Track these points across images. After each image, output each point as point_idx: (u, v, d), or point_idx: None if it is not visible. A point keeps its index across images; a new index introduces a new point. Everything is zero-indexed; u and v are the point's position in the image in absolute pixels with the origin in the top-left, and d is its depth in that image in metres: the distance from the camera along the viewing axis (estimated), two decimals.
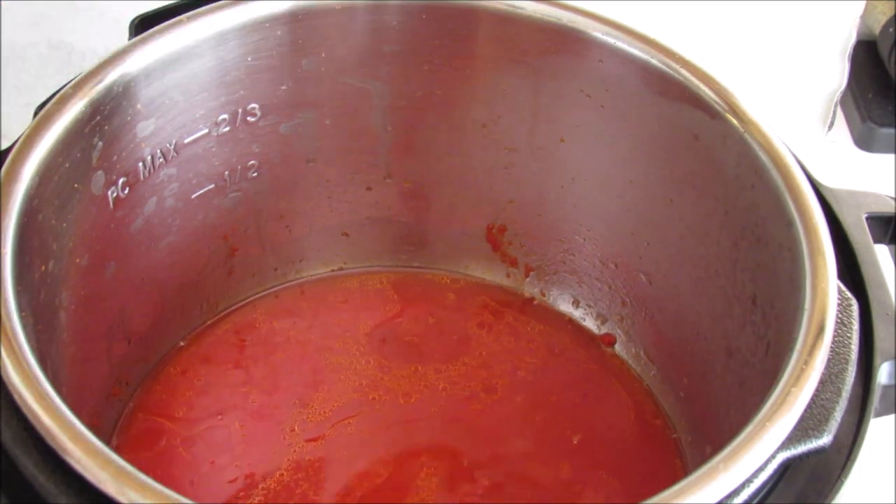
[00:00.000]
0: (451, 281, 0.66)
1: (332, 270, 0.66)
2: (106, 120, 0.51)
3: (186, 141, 0.56)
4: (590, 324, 0.64)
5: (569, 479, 0.56)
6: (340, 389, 0.59)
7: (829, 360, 0.43)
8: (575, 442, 0.58)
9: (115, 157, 0.52)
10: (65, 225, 0.49)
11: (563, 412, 0.59)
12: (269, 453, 0.56)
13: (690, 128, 0.54)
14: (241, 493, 0.54)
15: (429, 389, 0.60)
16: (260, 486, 0.55)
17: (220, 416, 0.57)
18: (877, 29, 0.88)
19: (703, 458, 0.41)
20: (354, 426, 0.58)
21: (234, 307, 0.63)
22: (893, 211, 0.53)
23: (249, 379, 0.60)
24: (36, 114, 0.49)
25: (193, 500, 0.38)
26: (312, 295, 0.65)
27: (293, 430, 0.57)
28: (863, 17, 0.81)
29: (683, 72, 0.54)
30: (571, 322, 0.64)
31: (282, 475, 0.55)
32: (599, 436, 0.58)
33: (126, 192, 0.53)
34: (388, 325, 0.63)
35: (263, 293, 0.64)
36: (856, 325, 0.46)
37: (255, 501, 0.54)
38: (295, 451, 0.56)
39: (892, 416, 0.48)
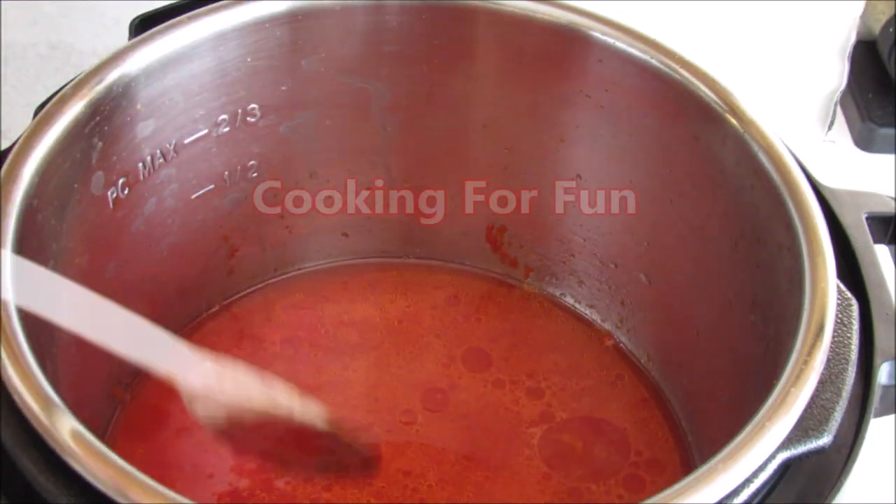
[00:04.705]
0: (451, 281, 0.66)
1: (332, 270, 0.66)
2: (106, 120, 0.51)
3: (186, 141, 0.56)
4: (589, 323, 0.64)
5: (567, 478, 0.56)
6: (340, 386, 0.59)
7: (829, 360, 0.43)
8: (574, 441, 0.58)
9: (114, 158, 0.52)
10: (65, 225, 0.49)
11: (562, 411, 0.59)
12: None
13: (690, 128, 0.54)
14: (239, 488, 0.54)
15: (427, 388, 0.60)
16: (257, 482, 0.55)
17: None
18: (877, 29, 0.88)
19: (702, 458, 0.41)
20: (355, 421, 0.58)
21: (233, 306, 0.63)
22: (893, 211, 0.53)
23: None
24: (36, 114, 0.49)
25: (190, 495, 0.38)
26: (312, 294, 0.65)
27: None
28: (863, 17, 0.81)
29: (683, 72, 0.54)
30: (571, 322, 0.64)
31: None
32: (598, 436, 0.58)
33: (126, 192, 0.53)
34: (389, 323, 0.63)
35: (263, 292, 0.64)
36: (856, 325, 0.46)
37: (252, 497, 0.54)
38: None
39: (892, 416, 0.48)
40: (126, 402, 0.58)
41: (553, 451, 0.57)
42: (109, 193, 0.52)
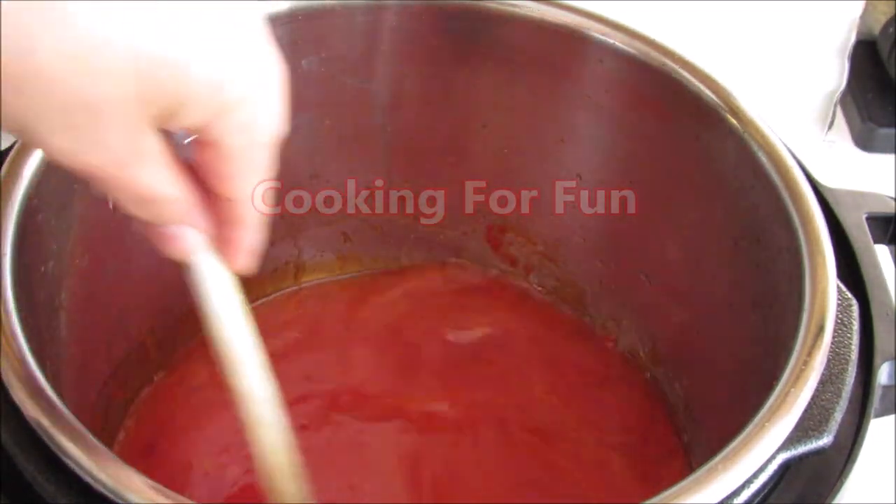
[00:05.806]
0: (451, 281, 0.66)
1: (332, 271, 0.66)
2: None
3: (186, 141, 0.56)
4: (590, 324, 0.64)
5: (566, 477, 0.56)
6: (340, 390, 0.59)
7: (829, 360, 0.43)
8: (574, 441, 0.58)
9: None
10: (65, 225, 0.49)
11: (562, 412, 0.59)
12: None
13: (690, 128, 0.54)
14: (239, 494, 0.54)
15: (425, 388, 0.60)
16: (257, 486, 0.55)
17: (218, 417, 0.57)
18: (877, 29, 0.88)
19: (702, 458, 0.41)
20: (355, 424, 0.58)
21: None
22: (893, 211, 0.53)
23: None
24: None
25: (191, 496, 0.38)
26: (312, 295, 0.65)
27: (294, 430, 0.57)
28: (863, 17, 0.81)
29: (683, 72, 0.54)
30: (571, 322, 0.64)
31: None
32: (599, 436, 0.58)
33: None
34: (388, 323, 0.63)
35: (264, 295, 0.64)
36: (856, 326, 0.46)
37: (252, 501, 0.54)
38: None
39: (892, 416, 0.48)
40: (126, 403, 0.58)
41: (552, 451, 0.57)
42: None
